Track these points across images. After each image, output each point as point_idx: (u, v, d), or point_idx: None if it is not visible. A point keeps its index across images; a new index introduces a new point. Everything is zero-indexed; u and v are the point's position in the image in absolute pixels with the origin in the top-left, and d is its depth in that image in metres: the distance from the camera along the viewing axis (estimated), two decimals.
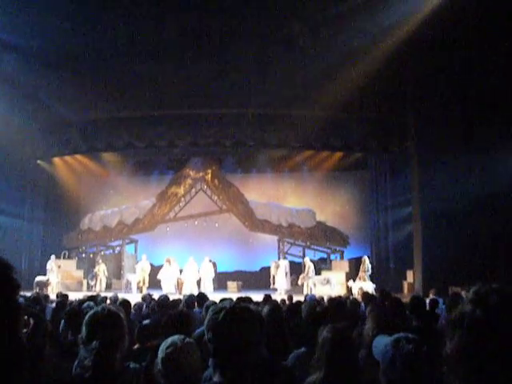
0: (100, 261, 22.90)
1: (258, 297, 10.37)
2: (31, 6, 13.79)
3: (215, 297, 9.76)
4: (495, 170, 16.01)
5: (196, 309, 7.85)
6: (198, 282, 21.40)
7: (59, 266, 21.52)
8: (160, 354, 2.79)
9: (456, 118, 16.56)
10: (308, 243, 23.98)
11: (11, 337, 1.92)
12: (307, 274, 20.54)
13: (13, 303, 1.97)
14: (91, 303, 6.21)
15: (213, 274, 21.92)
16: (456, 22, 13.79)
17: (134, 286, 21.66)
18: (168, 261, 21.91)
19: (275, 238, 24.09)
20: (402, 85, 18.11)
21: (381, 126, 20.30)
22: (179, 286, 21.48)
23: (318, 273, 21.26)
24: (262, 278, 23.24)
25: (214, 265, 22.77)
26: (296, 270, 21.73)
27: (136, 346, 4.97)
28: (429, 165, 17.50)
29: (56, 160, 24.07)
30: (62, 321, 5.35)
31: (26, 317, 3.30)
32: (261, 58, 16.84)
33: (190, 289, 20.08)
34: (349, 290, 19.36)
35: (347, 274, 20.98)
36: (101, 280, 22.21)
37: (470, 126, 16.36)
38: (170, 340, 2.81)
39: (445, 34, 14.53)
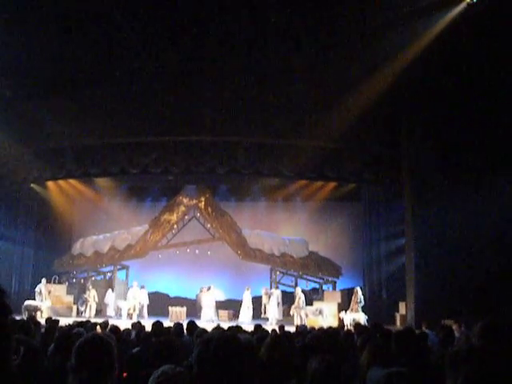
0: (90, 286, 22.73)
1: (248, 326, 10.29)
2: (28, 30, 13.89)
3: (206, 325, 9.69)
4: (489, 203, 16.03)
5: (186, 337, 7.77)
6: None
7: (49, 291, 21.34)
8: None
9: (449, 150, 16.66)
10: (300, 273, 23.87)
11: (1, 364, 1.87)
12: (298, 304, 20.46)
13: (3, 330, 1.92)
14: (81, 329, 6.14)
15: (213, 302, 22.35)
16: (451, 56, 13.99)
17: (124, 313, 21.52)
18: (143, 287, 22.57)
19: (267, 267, 24.00)
20: (396, 118, 18.26)
21: (374, 158, 20.38)
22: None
23: (310, 303, 21.15)
24: (253, 308, 23.04)
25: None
26: (288, 299, 21.61)
27: (125, 375, 4.90)
28: (422, 197, 17.53)
29: (49, 184, 24.01)
30: (52, 346, 5.27)
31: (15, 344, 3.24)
32: (256, 86, 16.94)
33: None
34: (341, 321, 19.24)
35: (339, 305, 20.84)
36: (91, 306, 22.04)
37: (463, 159, 16.45)
38: (160, 370, 2.74)
39: (439, 68, 14.71)
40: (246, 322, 19.77)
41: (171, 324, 8.79)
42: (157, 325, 8.03)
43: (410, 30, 13.97)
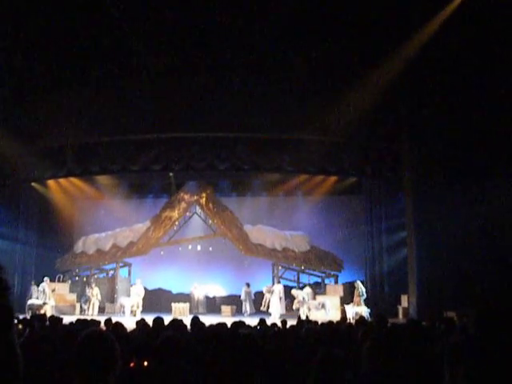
0: (93, 284, 22.77)
1: (251, 321, 10.33)
2: (28, 27, 13.90)
3: (209, 320, 9.72)
4: (490, 196, 16.05)
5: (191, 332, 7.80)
6: None
7: (53, 290, 21.40)
8: None
9: (449, 144, 16.65)
10: (302, 267, 23.89)
11: (3, 343, 1.84)
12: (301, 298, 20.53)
13: (2, 306, 1.89)
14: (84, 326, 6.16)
15: (253, 297, 22.94)
16: (453, 51, 13.98)
17: (127, 310, 21.56)
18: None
19: (269, 262, 24.02)
20: (397, 111, 18.24)
21: (375, 152, 20.38)
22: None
23: (312, 297, 21.18)
24: (255, 303, 23.09)
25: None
26: (290, 294, 21.63)
27: (132, 365, 4.94)
28: (422, 190, 17.54)
29: (50, 182, 24.01)
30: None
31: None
32: (257, 82, 16.95)
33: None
34: (343, 314, 19.27)
35: (342, 299, 20.90)
36: (94, 304, 22.09)
37: (463, 153, 16.44)
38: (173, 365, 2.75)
39: (441, 62, 14.70)
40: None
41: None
42: (157, 321, 8.05)
43: (412, 24, 13.97)
